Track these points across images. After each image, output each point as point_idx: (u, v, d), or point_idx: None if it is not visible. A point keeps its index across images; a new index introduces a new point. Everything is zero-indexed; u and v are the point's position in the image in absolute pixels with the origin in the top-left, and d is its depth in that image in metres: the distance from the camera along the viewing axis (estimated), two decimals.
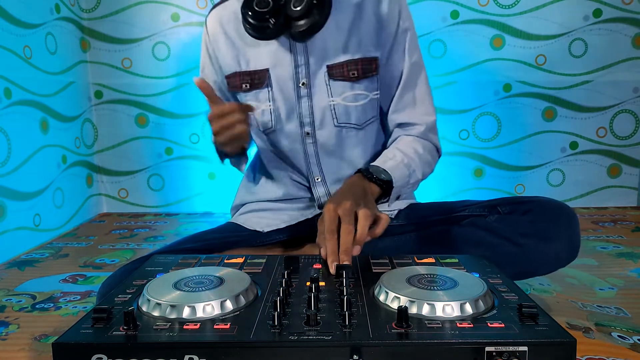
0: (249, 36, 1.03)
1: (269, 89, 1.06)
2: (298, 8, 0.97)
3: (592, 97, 2.01)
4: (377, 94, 1.09)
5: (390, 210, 1.12)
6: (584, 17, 1.96)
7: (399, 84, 1.08)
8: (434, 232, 1.05)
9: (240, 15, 1.03)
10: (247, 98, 1.09)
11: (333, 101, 1.06)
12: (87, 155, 2.05)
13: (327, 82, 1.05)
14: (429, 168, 1.10)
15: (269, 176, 1.17)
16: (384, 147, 1.13)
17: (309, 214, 1.13)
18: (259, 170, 1.20)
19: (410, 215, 1.11)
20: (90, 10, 2.00)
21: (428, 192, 1.95)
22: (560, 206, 1.01)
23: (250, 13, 0.98)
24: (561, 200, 1.05)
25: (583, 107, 2.03)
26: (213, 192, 2.10)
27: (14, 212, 1.55)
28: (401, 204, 1.13)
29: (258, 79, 1.07)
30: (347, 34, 1.04)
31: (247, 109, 0.97)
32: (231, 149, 1.03)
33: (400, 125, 1.11)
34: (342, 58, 1.04)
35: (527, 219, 0.99)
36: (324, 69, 1.05)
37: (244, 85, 1.08)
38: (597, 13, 1.95)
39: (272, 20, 0.98)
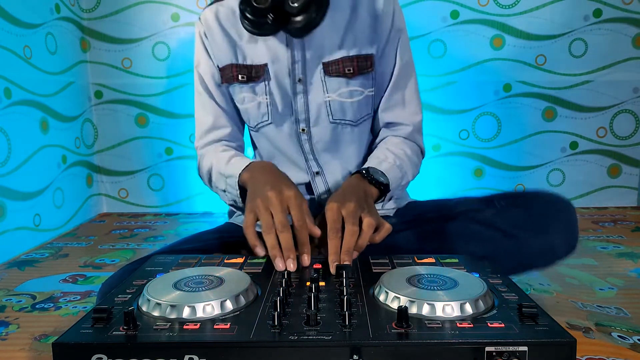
0: (246, 33, 1.04)
1: (266, 82, 1.06)
2: (296, 4, 0.97)
3: (592, 97, 2.01)
4: (372, 91, 1.09)
5: (388, 209, 1.12)
6: (584, 17, 1.96)
7: (389, 83, 1.09)
8: (431, 228, 1.05)
9: (237, 12, 1.03)
10: (243, 90, 1.08)
11: (329, 97, 1.06)
12: (87, 155, 2.05)
13: (323, 79, 1.06)
14: (416, 169, 1.11)
15: None
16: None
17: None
18: None
19: (407, 213, 1.12)
20: (90, 10, 2.00)
21: (428, 192, 1.95)
22: (556, 197, 1.01)
23: (248, 9, 0.98)
24: None
25: (583, 107, 2.03)
26: (213, 192, 2.10)
27: (14, 212, 1.55)
28: (399, 203, 1.14)
29: (255, 73, 1.07)
30: (343, 31, 1.05)
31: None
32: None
33: (388, 124, 1.12)
34: (338, 55, 1.05)
35: (523, 212, 0.99)
36: (320, 65, 1.05)
37: (240, 77, 1.07)
38: (597, 13, 1.95)
39: (270, 16, 0.98)
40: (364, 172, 1.00)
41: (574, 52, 1.98)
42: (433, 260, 0.85)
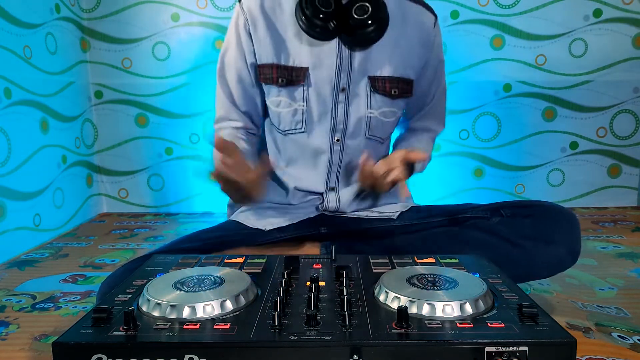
0: (294, 28, 1.02)
1: (305, 88, 1.05)
2: (360, 17, 0.96)
3: (592, 97, 2.01)
4: (401, 114, 1.15)
5: (392, 212, 1.12)
6: (584, 17, 1.95)
7: (429, 103, 1.17)
8: (435, 233, 1.05)
9: (286, 4, 1.02)
10: (281, 93, 1.05)
11: (371, 113, 1.07)
12: (87, 155, 2.05)
13: (369, 94, 1.06)
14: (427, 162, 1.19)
15: (274, 179, 1.14)
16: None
17: (311, 214, 1.13)
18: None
19: (411, 217, 1.11)
20: (90, 10, 2.00)
21: (428, 192, 1.96)
22: (562, 210, 1.01)
23: (311, 9, 0.96)
24: (561, 200, 1.06)
25: (583, 107, 2.03)
26: (213, 192, 2.09)
27: (14, 212, 1.55)
28: (402, 206, 1.14)
29: (296, 76, 1.04)
30: (391, 48, 1.05)
31: (263, 175, 0.92)
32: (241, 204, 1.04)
33: (416, 129, 1.21)
34: (385, 73, 1.06)
35: (529, 223, 0.99)
36: (366, 79, 1.05)
37: (280, 80, 1.04)
38: (597, 13, 1.95)
39: (332, 23, 0.97)
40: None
41: (574, 52, 1.98)
42: (433, 260, 0.85)
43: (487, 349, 0.56)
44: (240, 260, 0.88)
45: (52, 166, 1.78)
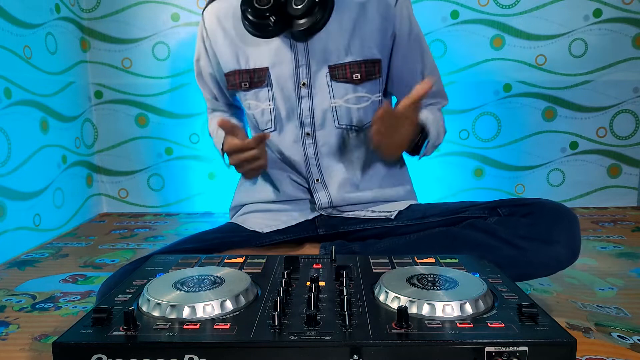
0: (248, 34, 1.02)
1: (269, 88, 1.06)
2: (299, 6, 0.96)
3: (592, 97, 2.01)
4: (379, 96, 1.09)
5: (391, 211, 1.12)
6: (584, 17, 1.95)
7: (418, 82, 1.12)
8: (434, 233, 1.05)
9: (238, 11, 1.02)
10: (247, 97, 1.09)
11: (335, 103, 1.05)
12: (87, 155, 2.05)
13: (329, 84, 1.05)
14: (441, 137, 1.16)
15: (268, 177, 1.16)
16: None
17: (309, 214, 1.13)
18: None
19: (410, 216, 1.10)
20: (90, 10, 2.00)
21: (428, 192, 1.96)
22: (560, 208, 1.00)
23: (250, 10, 0.97)
24: (561, 200, 1.05)
25: (583, 107, 2.03)
26: (213, 192, 2.10)
27: (14, 212, 1.55)
28: (401, 205, 1.13)
29: (258, 78, 1.06)
30: (349, 34, 1.03)
31: (263, 139, 0.98)
32: (249, 177, 1.10)
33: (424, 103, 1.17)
34: (345, 59, 1.04)
35: (527, 221, 0.99)
36: (326, 69, 1.04)
37: (243, 84, 1.08)
38: (597, 13, 1.95)
39: (272, 19, 0.97)
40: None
41: (574, 52, 1.98)
42: (433, 260, 0.85)
43: (487, 349, 0.56)
44: (240, 260, 0.88)
45: (52, 166, 1.78)
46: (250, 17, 0.97)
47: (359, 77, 1.04)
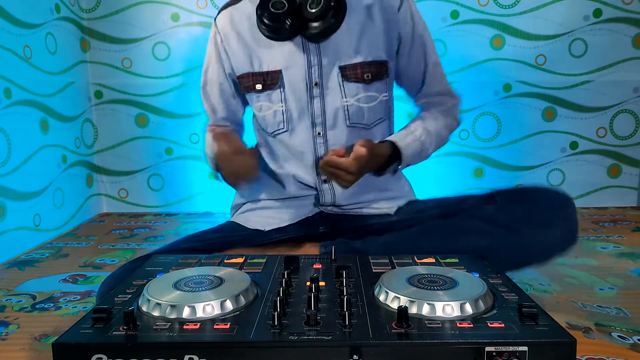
0: (262, 37, 1.05)
1: (282, 89, 1.08)
2: (314, 10, 0.98)
3: (592, 97, 2.01)
4: (386, 96, 1.12)
5: (390, 207, 1.13)
6: (584, 17, 1.95)
7: (422, 84, 1.15)
8: (432, 225, 1.06)
9: (253, 17, 1.05)
10: (260, 99, 1.10)
11: (347, 102, 1.07)
12: (87, 155, 2.05)
13: (341, 83, 1.07)
14: (442, 142, 1.18)
15: (273, 175, 1.16)
16: None
17: (310, 212, 1.13)
18: (261, 169, 1.20)
19: (409, 211, 1.12)
20: (90, 10, 2.00)
21: (428, 192, 1.95)
22: (556, 193, 1.02)
23: (266, 14, 1.00)
24: None
25: (583, 107, 2.03)
26: (213, 192, 2.10)
27: (14, 212, 1.55)
28: (401, 201, 1.14)
29: (271, 80, 1.08)
30: (358, 35, 1.06)
31: (256, 153, 0.99)
32: (237, 186, 1.09)
33: (424, 105, 1.18)
34: (355, 59, 1.06)
35: (524, 207, 1.00)
36: (337, 69, 1.06)
37: (256, 86, 1.09)
38: (597, 13, 1.95)
39: (288, 22, 0.99)
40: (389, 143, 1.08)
41: (574, 52, 1.98)
42: (433, 260, 0.85)
43: (487, 349, 0.56)
44: (240, 260, 0.88)
45: (52, 166, 1.78)
46: (266, 21, 1.00)
47: (370, 77, 1.07)
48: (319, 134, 1.09)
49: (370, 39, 1.07)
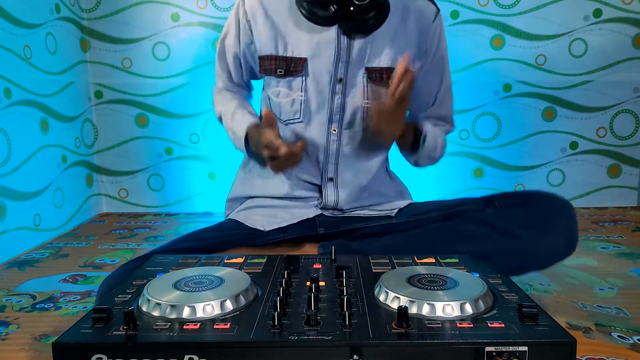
0: (291, 21, 1.03)
1: (304, 78, 1.06)
2: (362, 2, 0.96)
3: (592, 97, 2.01)
4: None
5: (390, 210, 1.12)
6: (584, 17, 1.95)
7: (434, 102, 1.15)
8: (432, 228, 1.06)
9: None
10: (280, 84, 1.08)
11: (368, 103, 1.06)
12: (87, 155, 2.05)
13: (365, 84, 1.06)
14: (442, 152, 1.17)
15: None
16: None
17: (311, 213, 1.13)
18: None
19: (409, 213, 1.12)
20: (90, 10, 2.00)
21: (428, 192, 1.96)
22: (556, 198, 1.02)
23: None
24: None
25: (583, 107, 2.03)
26: (213, 192, 2.10)
27: (14, 212, 1.55)
28: (401, 203, 1.14)
29: (294, 67, 1.05)
30: (390, 39, 1.05)
31: (303, 149, 0.98)
32: (278, 171, 1.05)
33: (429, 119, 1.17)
34: (383, 63, 1.06)
35: (523, 212, 1.00)
36: (363, 70, 1.05)
37: (278, 71, 1.06)
38: (597, 13, 1.95)
39: (333, 7, 0.97)
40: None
41: (574, 52, 1.98)
42: (433, 260, 0.85)
43: (487, 349, 0.56)
44: (240, 260, 0.88)
45: (52, 166, 1.78)
46: (311, 1, 0.98)
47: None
48: (334, 130, 1.08)
49: (401, 46, 1.06)
